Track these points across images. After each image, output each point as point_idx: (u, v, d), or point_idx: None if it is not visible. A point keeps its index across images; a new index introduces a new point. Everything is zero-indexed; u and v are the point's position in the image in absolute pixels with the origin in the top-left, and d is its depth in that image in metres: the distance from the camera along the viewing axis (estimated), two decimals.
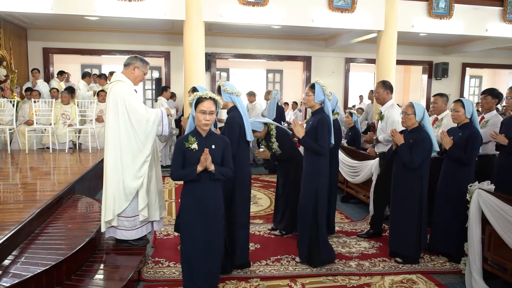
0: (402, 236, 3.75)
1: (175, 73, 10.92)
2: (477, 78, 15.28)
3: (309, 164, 3.59)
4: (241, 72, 13.94)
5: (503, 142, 3.89)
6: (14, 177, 5.40)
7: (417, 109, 3.64)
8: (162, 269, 3.54)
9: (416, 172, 3.64)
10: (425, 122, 3.66)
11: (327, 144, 3.49)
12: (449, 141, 3.74)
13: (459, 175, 3.70)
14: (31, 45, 10.11)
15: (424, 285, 3.37)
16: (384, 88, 4.36)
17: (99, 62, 12.84)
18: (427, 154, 3.62)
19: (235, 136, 3.30)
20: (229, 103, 3.42)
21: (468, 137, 3.65)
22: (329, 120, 3.53)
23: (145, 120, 3.51)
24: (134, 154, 3.50)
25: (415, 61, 12.57)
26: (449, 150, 3.74)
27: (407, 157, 3.60)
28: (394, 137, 3.71)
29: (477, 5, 8.91)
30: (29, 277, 2.65)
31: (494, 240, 3.16)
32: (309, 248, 3.60)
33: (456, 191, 3.66)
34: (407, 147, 3.62)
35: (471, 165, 3.69)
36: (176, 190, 6.36)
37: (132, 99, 3.51)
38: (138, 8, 7.28)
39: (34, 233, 3.48)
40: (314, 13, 8.09)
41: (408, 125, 3.69)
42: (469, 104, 3.74)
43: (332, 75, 12.00)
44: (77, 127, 7.45)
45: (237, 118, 3.35)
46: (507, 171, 3.89)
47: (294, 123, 3.62)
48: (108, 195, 3.48)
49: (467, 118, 3.74)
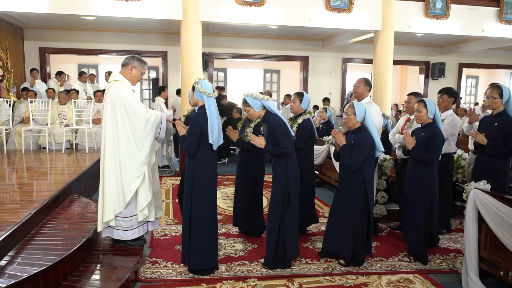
0: (337, 236, 3.68)
1: (173, 73, 10.90)
2: (474, 78, 15.32)
3: (278, 163, 3.52)
4: (239, 72, 13.94)
5: (483, 141, 3.83)
6: (11, 177, 5.38)
7: (358, 109, 3.60)
8: (159, 269, 3.54)
9: (357, 174, 3.56)
10: (367, 122, 3.62)
11: (286, 142, 3.41)
12: (412, 141, 3.74)
13: (422, 175, 3.70)
14: (27, 45, 10.07)
15: (421, 285, 3.39)
16: (365, 84, 4.35)
17: (96, 62, 12.80)
18: (368, 155, 3.55)
19: (195, 135, 3.31)
20: (199, 101, 3.42)
21: (430, 137, 3.65)
22: (277, 118, 3.46)
23: (145, 120, 3.51)
24: (133, 154, 3.49)
25: (412, 61, 12.61)
26: (411, 151, 3.74)
27: (346, 158, 3.56)
28: (335, 138, 3.67)
29: (474, 6, 8.94)
30: (25, 277, 2.64)
31: (490, 239, 3.18)
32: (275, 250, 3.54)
33: (421, 191, 3.68)
34: (348, 148, 3.57)
35: (434, 164, 3.69)
36: (173, 190, 6.35)
37: (131, 98, 3.51)
38: (135, 8, 7.26)
39: (31, 233, 3.47)
40: (311, 13, 8.10)
41: (350, 125, 3.66)
42: (432, 104, 3.75)
43: (329, 75, 12.01)
44: (74, 127, 7.43)
45: (201, 118, 3.34)
46: (485, 170, 3.80)
47: (251, 137, 3.55)
48: (106, 194, 3.48)
49: (430, 118, 3.75)
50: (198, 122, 3.33)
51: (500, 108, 3.83)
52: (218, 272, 3.51)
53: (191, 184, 3.38)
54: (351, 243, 3.61)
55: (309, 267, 3.67)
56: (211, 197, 3.46)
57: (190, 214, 3.38)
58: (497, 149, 3.75)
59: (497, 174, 3.75)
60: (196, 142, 3.32)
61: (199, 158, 3.37)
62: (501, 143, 3.74)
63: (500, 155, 3.78)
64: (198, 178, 3.37)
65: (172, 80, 10.91)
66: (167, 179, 7.14)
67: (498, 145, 3.75)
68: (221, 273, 3.50)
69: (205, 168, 3.39)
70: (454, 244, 4.26)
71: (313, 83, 11.82)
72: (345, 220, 3.63)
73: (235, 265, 3.67)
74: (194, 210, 3.37)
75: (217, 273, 3.49)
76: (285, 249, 3.53)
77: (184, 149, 3.44)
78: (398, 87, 14.29)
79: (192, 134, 3.33)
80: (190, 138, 3.34)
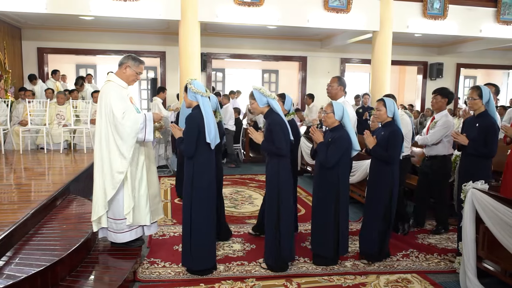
0: (320, 236, 3.69)
1: (171, 73, 10.89)
2: (472, 79, 15.37)
3: (270, 164, 3.52)
4: (237, 72, 13.95)
5: (464, 142, 3.84)
6: (8, 177, 5.36)
7: (336, 108, 3.63)
8: (158, 270, 3.54)
9: (332, 172, 3.58)
10: (345, 121, 3.64)
11: (283, 143, 3.40)
12: (372, 140, 3.75)
13: (382, 173, 3.71)
14: (25, 45, 10.05)
15: (419, 284, 3.39)
16: (339, 83, 4.32)
17: (94, 62, 12.79)
18: (344, 153, 3.58)
19: (192, 135, 3.30)
20: (193, 102, 3.42)
21: (389, 135, 3.66)
22: (280, 119, 3.47)
23: (119, 124, 3.38)
24: (113, 156, 3.41)
25: (410, 62, 12.64)
26: (372, 150, 3.76)
27: (323, 155, 3.58)
28: (313, 136, 3.69)
29: (471, 6, 8.97)
30: (23, 278, 2.63)
31: (488, 239, 3.18)
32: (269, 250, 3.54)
33: (382, 190, 3.69)
34: (325, 145, 3.59)
35: (394, 163, 3.69)
36: (171, 190, 6.35)
37: (114, 100, 3.40)
38: (133, 8, 7.26)
39: (29, 234, 3.46)
40: (309, 14, 8.11)
41: (328, 123, 3.68)
42: (391, 103, 3.77)
43: (327, 75, 11.99)
44: (72, 128, 7.42)
45: (197, 118, 3.33)
46: (468, 171, 3.80)
47: (250, 130, 3.55)
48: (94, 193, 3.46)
49: (389, 117, 3.76)
50: (194, 123, 3.32)
51: (481, 108, 3.86)
52: (216, 272, 3.51)
53: (191, 184, 3.37)
54: (330, 240, 3.62)
55: (308, 266, 3.67)
56: (211, 197, 3.46)
57: (190, 214, 3.38)
58: (478, 149, 3.78)
59: (479, 174, 3.75)
60: (194, 142, 3.32)
61: (197, 158, 3.36)
62: (482, 144, 3.76)
63: (481, 155, 3.79)
64: (197, 179, 3.37)
65: (170, 80, 10.90)
66: (165, 179, 7.14)
67: (479, 145, 3.77)
68: (220, 273, 3.50)
69: (204, 168, 3.39)
70: (452, 244, 4.27)
71: (311, 83, 11.83)
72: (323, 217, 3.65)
73: (233, 265, 3.67)
74: (194, 210, 3.37)
75: (215, 273, 3.48)
76: (281, 252, 3.52)
77: (181, 151, 3.43)
78: (396, 88, 14.31)
79: (189, 135, 3.32)
80: (188, 139, 3.33)
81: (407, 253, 4.03)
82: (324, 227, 3.64)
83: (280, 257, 3.52)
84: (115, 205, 3.50)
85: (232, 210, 5.38)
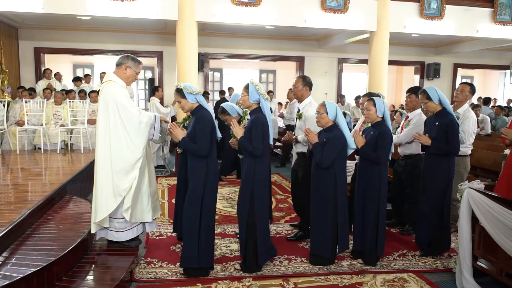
0: (320, 237, 3.68)
1: (168, 73, 10.89)
2: (469, 79, 15.41)
3: (245, 164, 3.51)
4: (234, 72, 13.94)
5: (427, 143, 3.84)
6: (5, 177, 5.35)
7: (329, 108, 3.62)
8: (155, 270, 3.54)
9: (328, 172, 3.58)
10: (339, 120, 3.64)
11: (261, 144, 3.38)
12: (361, 140, 3.76)
13: (371, 174, 3.71)
14: (22, 44, 10.02)
15: (415, 284, 3.40)
16: (304, 84, 4.21)
17: (91, 62, 12.77)
18: (340, 153, 3.58)
19: (208, 134, 3.30)
20: (194, 103, 3.41)
21: (378, 136, 3.66)
22: (263, 120, 3.44)
23: (138, 121, 3.47)
24: (124, 155, 3.44)
25: (407, 62, 12.67)
26: (361, 150, 3.76)
27: (318, 156, 3.58)
28: (308, 136, 3.69)
29: (468, 6, 9.01)
30: (19, 278, 2.63)
31: (484, 238, 3.20)
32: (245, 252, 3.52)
33: (369, 190, 3.69)
34: (320, 146, 3.59)
35: (382, 164, 3.70)
36: (169, 190, 6.34)
37: (124, 99, 3.47)
38: (131, 8, 7.25)
39: (25, 234, 3.46)
40: (306, 14, 8.12)
41: (322, 124, 3.68)
42: (380, 103, 3.76)
43: (325, 76, 12.04)
44: (69, 128, 7.40)
45: (207, 116, 3.35)
46: (432, 170, 3.82)
47: (233, 122, 3.53)
48: (99, 195, 3.43)
49: (379, 117, 3.76)
50: (208, 121, 3.33)
51: (437, 108, 3.88)
52: (213, 272, 3.51)
53: (204, 183, 3.32)
54: (329, 240, 3.63)
55: (304, 266, 3.68)
56: (215, 195, 3.49)
57: (200, 213, 3.33)
58: (441, 148, 3.79)
59: (442, 172, 3.79)
60: (210, 140, 3.31)
61: (211, 157, 3.36)
62: (444, 142, 3.78)
63: (445, 153, 3.80)
64: (210, 177, 3.34)
65: (167, 80, 10.90)
66: (163, 179, 7.13)
67: (442, 144, 3.78)
68: (217, 273, 3.50)
69: (215, 165, 3.41)
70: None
71: None
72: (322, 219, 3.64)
73: (230, 265, 3.67)
74: (205, 209, 3.34)
75: (212, 273, 3.48)
76: (256, 254, 3.48)
77: (193, 152, 3.33)
78: (394, 88, 14.35)
79: (206, 134, 3.29)
80: (205, 138, 3.27)
81: (404, 253, 4.04)
82: (323, 227, 3.63)
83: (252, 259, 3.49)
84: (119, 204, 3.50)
85: (229, 210, 5.38)
